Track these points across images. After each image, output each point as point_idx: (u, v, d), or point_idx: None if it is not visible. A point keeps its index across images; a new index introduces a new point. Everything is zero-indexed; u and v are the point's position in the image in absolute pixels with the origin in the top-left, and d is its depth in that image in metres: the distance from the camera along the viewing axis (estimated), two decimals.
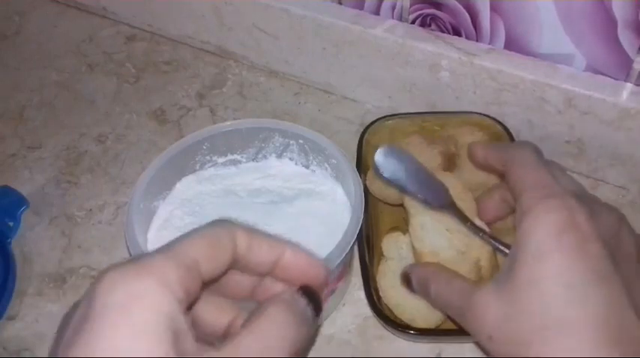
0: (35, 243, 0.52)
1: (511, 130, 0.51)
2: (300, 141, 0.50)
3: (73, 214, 0.54)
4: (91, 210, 0.54)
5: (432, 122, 0.53)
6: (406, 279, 0.41)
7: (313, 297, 0.30)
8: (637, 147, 0.50)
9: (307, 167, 0.51)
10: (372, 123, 0.53)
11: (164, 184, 0.48)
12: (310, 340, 0.43)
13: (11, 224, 0.52)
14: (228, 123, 0.50)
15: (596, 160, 0.53)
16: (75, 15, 0.74)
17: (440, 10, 0.54)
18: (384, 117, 0.53)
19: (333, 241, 0.41)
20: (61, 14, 0.75)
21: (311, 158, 0.50)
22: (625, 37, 0.47)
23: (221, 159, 0.51)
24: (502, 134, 0.51)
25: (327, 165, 0.49)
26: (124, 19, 0.72)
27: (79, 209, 0.55)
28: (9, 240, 0.51)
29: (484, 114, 0.52)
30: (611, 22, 0.47)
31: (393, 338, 0.45)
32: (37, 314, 0.47)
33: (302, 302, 0.30)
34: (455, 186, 0.43)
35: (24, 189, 0.55)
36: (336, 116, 0.61)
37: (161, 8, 0.68)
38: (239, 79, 0.66)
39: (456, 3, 0.52)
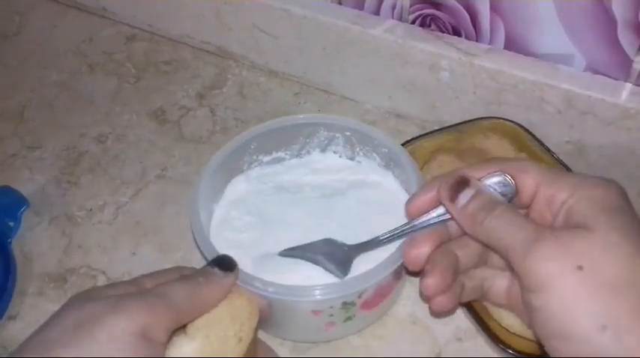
0: (35, 243, 0.52)
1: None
2: (347, 133, 0.50)
3: (73, 214, 0.54)
4: (91, 210, 0.54)
5: (449, 136, 0.53)
6: (460, 183, 0.36)
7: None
8: (637, 147, 0.50)
9: (352, 159, 0.51)
10: None
11: (217, 187, 0.49)
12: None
13: (11, 224, 0.52)
14: (273, 121, 0.50)
15: (596, 160, 0.53)
16: (75, 15, 0.74)
17: (440, 10, 0.54)
18: (404, 144, 0.52)
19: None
20: (61, 14, 0.75)
21: (357, 149, 0.51)
22: (625, 37, 0.47)
23: (266, 158, 0.51)
24: (520, 133, 0.52)
25: (375, 155, 0.50)
26: (124, 19, 0.72)
27: (79, 209, 0.55)
28: (9, 240, 0.51)
29: (496, 117, 0.53)
30: (611, 22, 0.47)
31: (393, 337, 0.45)
32: (37, 314, 0.47)
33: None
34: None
35: (24, 189, 0.55)
36: None
37: (161, 8, 0.68)
38: (239, 79, 0.66)
39: (456, 3, 0.53)
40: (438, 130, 0.54)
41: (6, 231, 0.51)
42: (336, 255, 0.42)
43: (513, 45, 0.52)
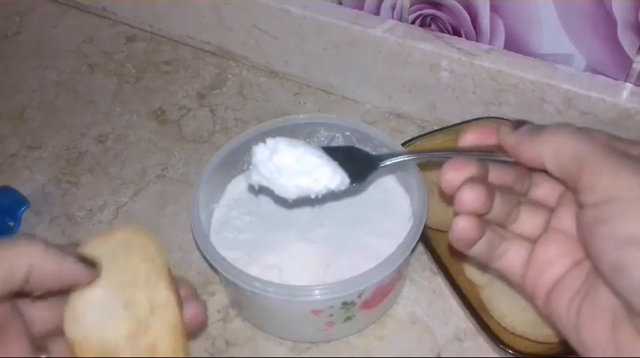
0: None
1: None
2: (347, 133, 0.50)
3: (73, 214, 0.54)
4: (91, 210, 0.54)
5: (449, 136, 0.52)
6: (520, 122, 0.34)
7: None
8: None
9: None
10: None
11: (217, 187, 0.49)
12: None
13: (12, 224, 0.52)
14: (273, 121, 0.50)
15: None
16: (75, 15, 0.74)
17: (440, 10, 0.54)
18: (403, 144, 0.51)
19: (395, 228, 0.42)
20: (61, 14, 0.75)
21: None
22: (625, 37, 0.47)
23: None
24: None
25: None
26: (124, 19, 0.72)
27: (79, 209, 0.55)
28: None
29: (496, 118, 0.53)
30: (611, 22, 0.47)
31: (393, 337, 0.45)
32: None
33: None
34: None
35: (24, 189, 0.55)
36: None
37: (161, 8, 0.68)
38: (239, 79, 0.66)
39: (456, 3, 0.53)
40: (438, 130, 0.53)
41: (6, 231, 0.51)
42: (357, 162, 0.41)
43: (513, 45, 0.52)
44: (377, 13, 0.57)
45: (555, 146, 0.31)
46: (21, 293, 0.30)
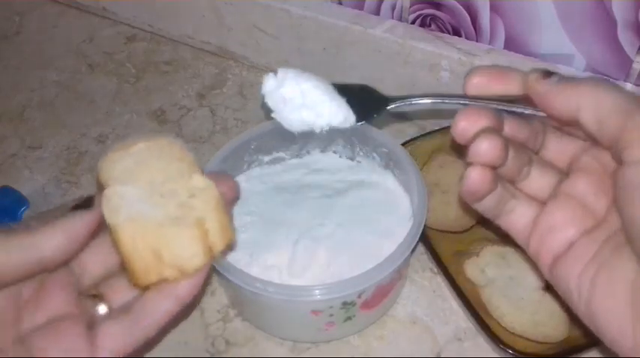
0: None
1: None
2: (347, 133, 0.50)
3: None
4: None
5: (449, 136, 0.52)
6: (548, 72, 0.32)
7: None
8: None
9: (352, 159, 0.51)
10: None
11: None
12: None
13: (12, 224, 0.52)
14: (273, 121, 0.50)
15: None
16: (75, 15, 0.74)
17: (440, 10, 0.54)
18: (403, 144, 0.51)
19: (395, 228, 0.42)
20: (61, 14, 0.75)
21: (357, 149, 0.51)
22: (625, 37, 0.47)
23: (267, 158, 0.51)
24: None
25: (375, 155, 0.50)
26: (124, 19, 0.72)
27: None
28: None
29: None
30: (610, 22, 0.47)
31: (393, 337, 0.45)
32: None
33: None
34: None
35: (24, 189, 0.55)
36: None
37: (161, 8, 0.68)
38: (239, 79, 0.66)
39: (456, 3, 0.53)
40: (438, 130, 0.53)
41: None
42: (365, 99, 0.40)
43: (513, 45, 0.52)
44: (377, 13, 0.57)
45: (595, 97, 0.29)
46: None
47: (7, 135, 0.61)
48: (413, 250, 0.42)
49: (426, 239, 0.46)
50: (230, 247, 0.33)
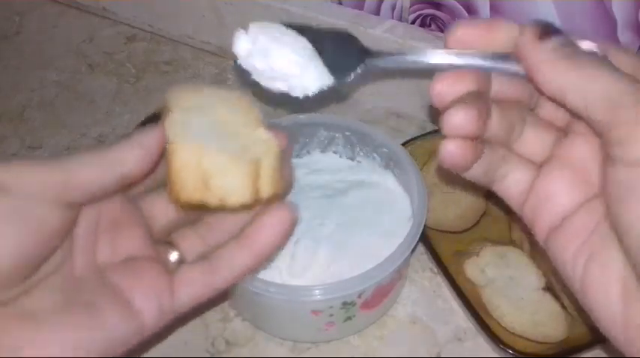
0: None
1: None
2: (347, 133, 0.50)
3: None
4: None
5: None
6: (546, 29, 0.29)
7: None
8: None
9: (352, 159, 0.52)
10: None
11: None
12: None
13: None
14: (273, 121, 0.50)
15: None
16: (75, 15, 0.74)
17: (440, 10, 0.54)
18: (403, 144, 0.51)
19: (395, 228, 0.42)
20: (61, 14, 0.75)
21: (357, 149, 0.51)
22: (625, 37, 0.47)
23: None
24: None
25: (375, 155, 0.50)
26: (124, 19, 0.72)
27: None
28: None
29: None
30: (611, 22, 0.47)
31: (393, 337, 0.45)
32: None
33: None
34: None
35: None
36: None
37: (161, 8, 0.68)
38: (239, 78, 0.66)
39: (456, 3, 0.53)
40: (438, 130, 0.53)
41: None
42: (343, 53, 0.36)
43: None
44: (377, 13, 0.57)
45: (586, 81, 0.27)
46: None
47: (7, 135, 0.61)
48: (413, 250, 0.42)
49: (426, 239, 0.46)
50: (277, 197, 0.33)
